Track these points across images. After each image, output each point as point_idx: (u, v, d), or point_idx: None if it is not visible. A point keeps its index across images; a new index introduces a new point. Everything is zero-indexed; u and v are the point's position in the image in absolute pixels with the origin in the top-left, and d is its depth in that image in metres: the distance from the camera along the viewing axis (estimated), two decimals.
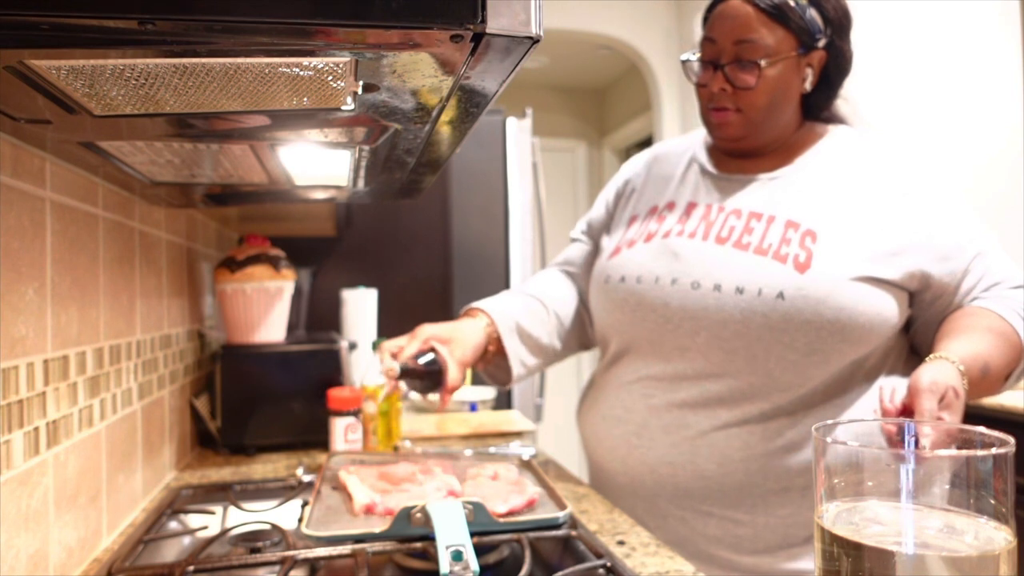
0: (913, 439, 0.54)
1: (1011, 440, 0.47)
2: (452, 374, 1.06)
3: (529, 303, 1.22)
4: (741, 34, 0.97)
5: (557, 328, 1.23)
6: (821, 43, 0.99)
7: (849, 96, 1.09)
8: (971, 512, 0.46)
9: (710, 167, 1.11)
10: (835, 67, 1.02)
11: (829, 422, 0.53)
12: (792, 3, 0.96)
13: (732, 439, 0.98)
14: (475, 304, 1.20)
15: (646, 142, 4.39)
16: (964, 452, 0.48)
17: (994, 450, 0.46)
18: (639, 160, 1.26)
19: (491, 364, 1.19)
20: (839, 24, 1.00)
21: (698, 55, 1.04)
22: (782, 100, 1.00)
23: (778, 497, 0.98)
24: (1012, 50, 2.72)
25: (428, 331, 1.09)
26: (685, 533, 1.02)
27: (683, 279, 1.01)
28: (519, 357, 1.17)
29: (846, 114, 1.10)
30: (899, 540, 0.46)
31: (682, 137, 1.23)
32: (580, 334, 1.28)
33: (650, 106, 3.88)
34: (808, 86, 1.01)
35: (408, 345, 1.07)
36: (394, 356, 1.07)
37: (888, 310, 0.95)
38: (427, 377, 1.05)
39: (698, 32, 1.08)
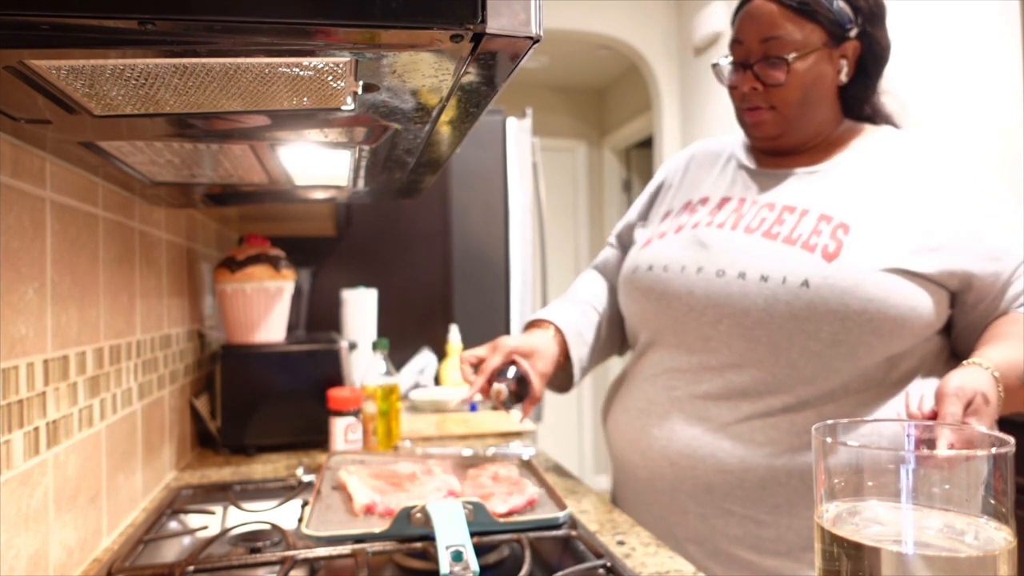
0: (913, 439, 0.54)
1: (1011, 440, 0.47)
2: (537, 386, 1.07)
3: (585, 310, 1.23)
4: (767, 32, 0.97)
5: (608, 331, 1.25)
6: (853, 33, 0.97)
7: (897, 93, 1.08)
8: (971, 512, 0.46)
9: (748, 163, 1.10)
10: (871, 57, 1.00)
11: (829, 422, 0.53)
12: None
13: (755, 433, 0.95)
14: (540, 315, 1.21)
15: (646, 142, 4.39)
16: (964, 452, 0.48)
17: (994, 450, 0.46)
18: (678, 159, 1.25)
19: (557, 372, 1.20)
20: (870, 12, 0.98)
21: (729, 58, 1.04)
22: (816, 94, 0.99)
23: (802, 498, 0.93)
24: (1012, 50, 2.72)
25: (510, 344, 1.09)
26: (705, 531, 0.99)
27: (708, 267, 1.00)
28: (581, 364, 1.18)
29: (893, 112, 1.08)
30: (899, 540, 0.46)
31: (722, 137, 1.21)
32: (622, 333, 1.28)
33: (650, 106, 3.88)
34: (844, 78, 1.00)
35: (490, 358, 1.07)
36: (475, 366, 1.08)
37: (922, 306, 0.92)
38: (516, 390, 1.07)
39: (699, 32, 1.08)
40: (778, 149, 1.06)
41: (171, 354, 1.23)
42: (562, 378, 1.20)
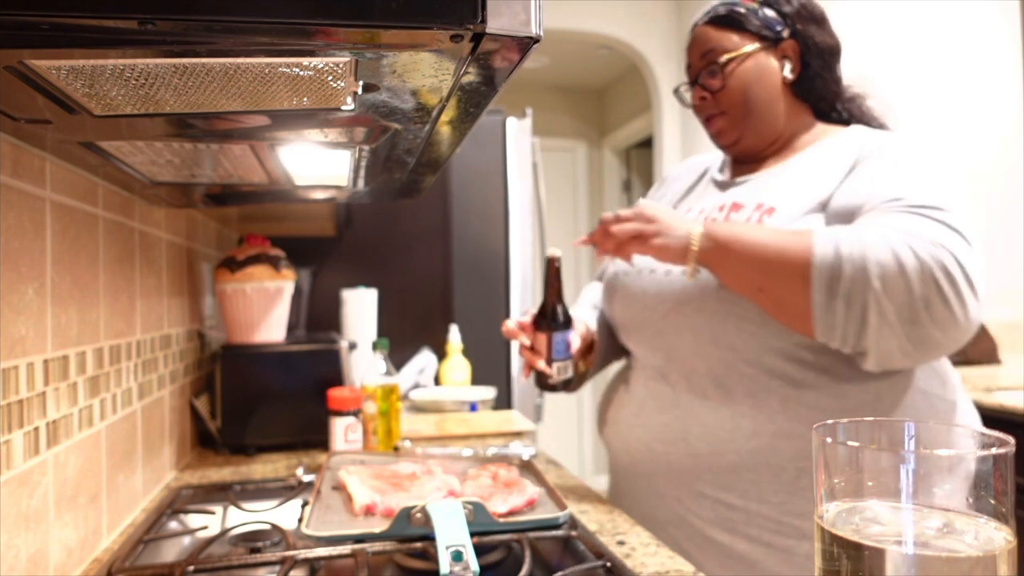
0: (913, 439, 0.54)
1: (1011, 440, 0.47)
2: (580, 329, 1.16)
3: (593, 313, 1.29)
4: (704, 47, 1.08)
5: (610, 334, 1.28)
6: (786, 33, 1.05)
7: (882, 96, 1.12)
8: (971, 512, 0.46)
9: (719, 176, 1.17)
10: (810, 53, 1.06)
11: (829, 422, 0.53)
12: (742, 10, 1.06)
13: (723, 420, 0.99)
14: None
15: (646, 142, 4.39)
16: (964, 452, 0.48)
17: (994, 450, 0.46)
18: (663, 177, 1.35)
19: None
20: (798, 14, 1.06)
21: (685, 82, 1.14)
22: (760, 92, 1.06)
23: (770, 483, 0.96)
24: (1012, 50, 2.72)
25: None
26: (682, 513, 1.04)
27: (659, 268, 1.07)
28: (601, 357, 1.23)
29: (878, 115, 1.11)
30: (899, 540, 0.46)
31: (701, 155, 1.29)
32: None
33: (650, 106, 3.88)
34: (790, 74, 1.06)
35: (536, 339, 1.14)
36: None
37: None
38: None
39: None
40: (744, 154, 1.12)
41: (171, 354, 1.23)
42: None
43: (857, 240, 0.85)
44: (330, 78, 0.51)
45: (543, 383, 1.10)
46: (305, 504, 1.00)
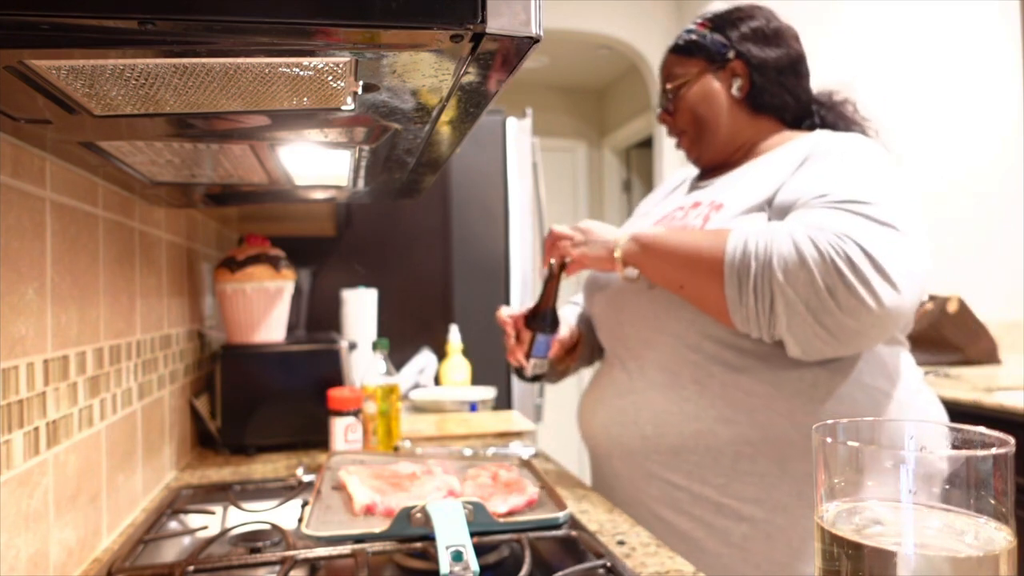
0: (913, 439, 0.54)
1: (1011, 440, 0.47)
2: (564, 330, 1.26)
3: (579, 311, 1.40)
4: (665, 75, 1.20)
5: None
6: (731, 55, 1.14)
7: (857, 100, 1.18)
8: (971, 512, 0.46)
9: (693, 179, 1.27)
10: (757, 70, 1.14)
11: (829, 422, 0.53)
12: (694, 36, 1.16)
13: (670, 404, 1.05)
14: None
15: (646, 142, 4.39)
16: (964, 452, 0.48)
17: (994, 450, 0.46)
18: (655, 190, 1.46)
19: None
20: (742, 36, 1.14)
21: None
22: (709, 110, 1.15)
23: (710, 466, 1.01)
24: (1012, 50, 2.71)
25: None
26: (633, 493, 1.09)
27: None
28: (585, 358, 1.34)
29: (862, 120, 1.17)
30: (899, 540, 0.46)
31: (687, 169, 1.37)
32: None
33: (650, 106, 3.88)
34: (737, 92, 1.14)
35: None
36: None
37: None
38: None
39: None
40: (709, 166, 1.21)
41: (171, 354, 1.23)
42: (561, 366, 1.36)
43: (765, 236, 0.92)
44: (330, 78, 0.51)
45: (517, 371, 1.23)
46: (305, 504, 1.00)
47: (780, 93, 1.14)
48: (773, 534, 0.98)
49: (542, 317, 1.17)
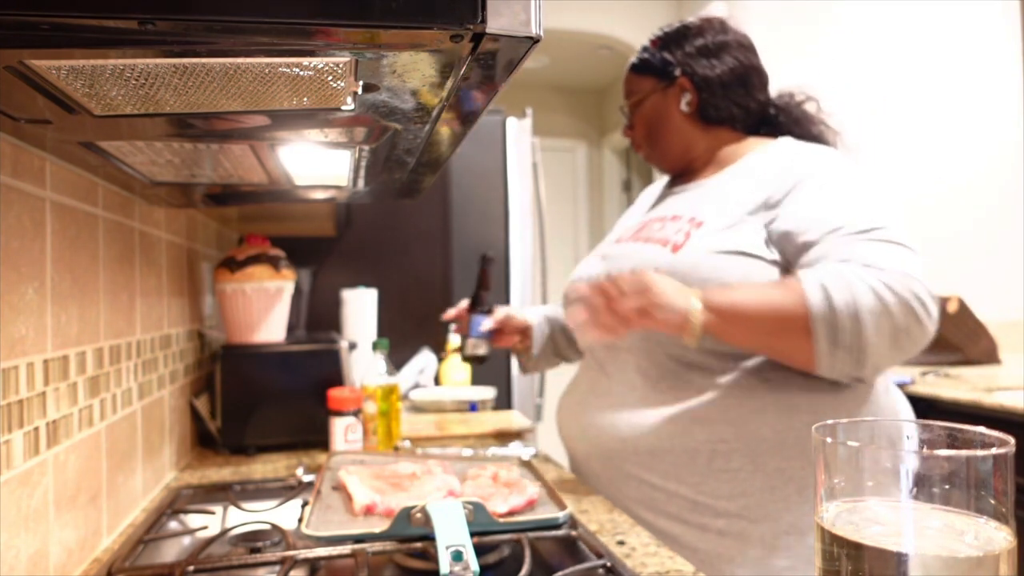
0: (913, 439, 0.54)
1: (1011, 440, 0.47)
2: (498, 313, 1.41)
3: (544, 311, 1.49)
4: (626, 92, 1.28)
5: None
6: (677, 72, 1.20)
7: (822, 103, 1.23)
8: (971, 512, 0.46)
9: (666, 186, 1.33)
10: (703, 84, 1.19)
11: (829, 422, 0.53)
12: (646, 55, 1.23)
13: (647, 406, 1.08)
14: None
15: None
16: (964, 452, 0.48)
17: (994, 450, 0.46)
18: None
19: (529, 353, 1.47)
20: (686, 55, 1.20)
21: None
22: (661, 125, 1.22)
23: (686, 466, 1.04)
24: (1012, 50, 2.72)
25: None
26: (613, 493, 1.11)
27: (602, 275, 1.17)
28: (547, 354, 1.46)
29: (820, 117, 1.22)
30: (899, 540, 0.46)
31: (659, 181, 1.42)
32: None
33: None
34: (686, 107, 1.20)
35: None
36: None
37: (756, 279, 1.03)
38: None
39: None
40: (670, 173, 1.29)
41: (171, 354, 1.23)
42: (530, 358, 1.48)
43: (844, 287, 0.92)
44: (330, 78, 0.51)
45: (463, 354, 1.41)
46: (305, 504, 1.00)
47: (728, 106, 1.19)
48: (747, 529, 1.01)
49: (476, 301, 1.40)
